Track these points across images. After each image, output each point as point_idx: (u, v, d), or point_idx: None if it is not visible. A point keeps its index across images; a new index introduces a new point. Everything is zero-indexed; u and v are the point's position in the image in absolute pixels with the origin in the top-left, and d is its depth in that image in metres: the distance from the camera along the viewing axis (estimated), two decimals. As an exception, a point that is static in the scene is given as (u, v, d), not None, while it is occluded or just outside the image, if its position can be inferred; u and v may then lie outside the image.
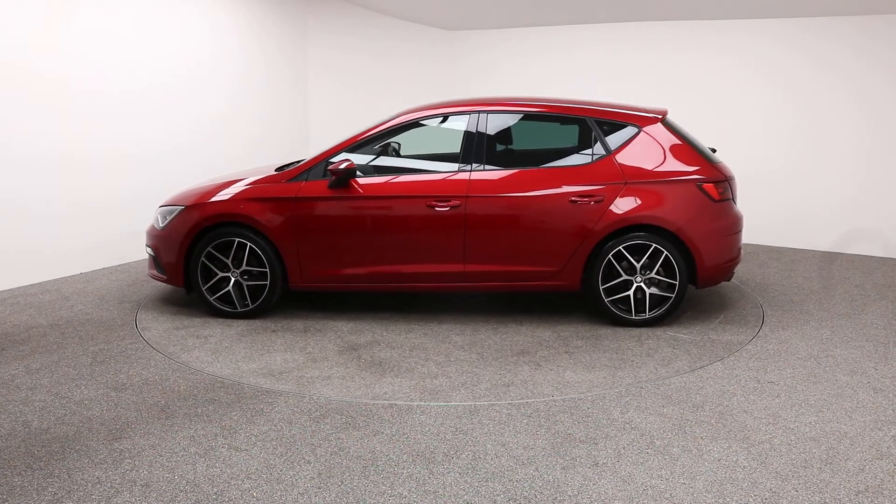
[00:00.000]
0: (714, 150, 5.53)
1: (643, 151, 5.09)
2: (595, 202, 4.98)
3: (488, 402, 3.90)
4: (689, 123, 6.27)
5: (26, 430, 3.57)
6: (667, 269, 5.02)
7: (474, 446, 3.41)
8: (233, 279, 5.28)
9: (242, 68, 7.94)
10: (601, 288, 5.06)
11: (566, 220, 5.01)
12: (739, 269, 6.77)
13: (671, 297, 5.03)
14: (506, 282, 5.18)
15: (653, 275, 5.03)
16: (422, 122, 5.33)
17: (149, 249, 5.58)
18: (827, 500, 2.95)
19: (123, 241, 6.91)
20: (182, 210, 5.32)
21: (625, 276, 5.03)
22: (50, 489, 3.04)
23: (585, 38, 8.67)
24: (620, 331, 5.03)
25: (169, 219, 5.39)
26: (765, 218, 7.83)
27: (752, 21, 7.73)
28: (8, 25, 5.77)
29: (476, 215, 5.05)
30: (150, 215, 7.05)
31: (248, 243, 5.18)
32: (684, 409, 3.82)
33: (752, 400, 3.93)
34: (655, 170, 5.04)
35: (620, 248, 4.99)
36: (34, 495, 2.99)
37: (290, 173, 5.28)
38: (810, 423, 3.65)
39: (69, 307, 5.55)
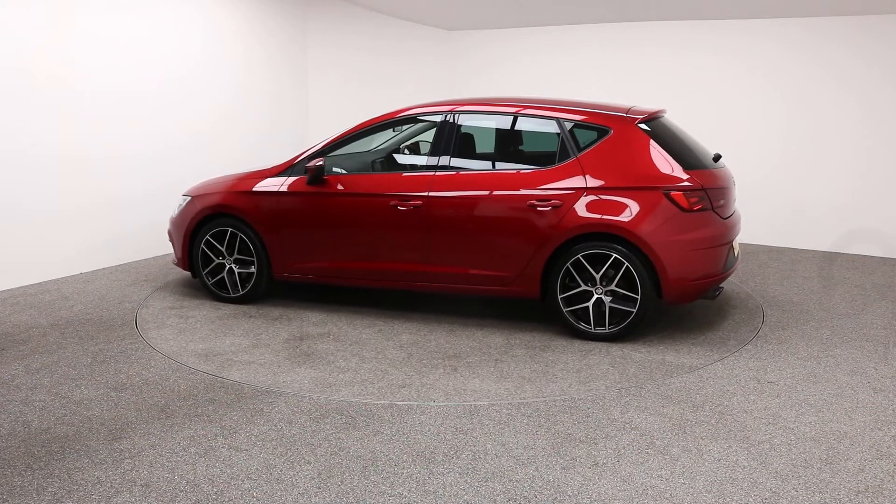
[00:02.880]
0: (718, 157, 5.17)
1: (611, 155, 4.79)
2: (553, 207, 4.74)
3: (489, 401, 3.90)
4: (688, 124, 6.27)
5: (26, 430, 3.57)
6: (630, 281, 4.69)
7: (474, 446, 3.41)
8: (227, 266, 5.62)
9: (244, 69, 7.94)
10: (560, 297, 4.82)
11: (524, 224, 4.81)
12: (740, 269, 6.76)
13: (633, 312, 4.69)
14: (466, 285, 5.08)
15: (613, 287, 4.70)
16: (399, 122, 5.46)
17: (168, 235, 6.06)
18: (827, 500, 2.95)
19: (123, 241, 6.91)
20: (189, 200, 5.77)
21: (584, 287, 4.76)
22: (50, 489, 3.04)
23: (585, 38, 8.67)
24: (577, 343, 4.78)
25: (181, 207, 5.84)
26: (765, 218, 7.83)
27: (752, 21, 7.73)
28: (9, 27, 5.77)
29: (437, 216, 5.01)
30: (150, 215, 7.11)
31: (240, 234, 5.52)
32: (684, 409, 3.82)
33: (752, 400, 3.93)
34: (621, 175, 4.72)
35: (579, 256, 4.72)
36: (34, 495, 3.00)
37: (276, 169, 5.56)
38: (810, 423, 3.65)
39: (69, 307, 5.56)
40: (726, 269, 4.91)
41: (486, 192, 4.93)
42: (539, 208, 4.77)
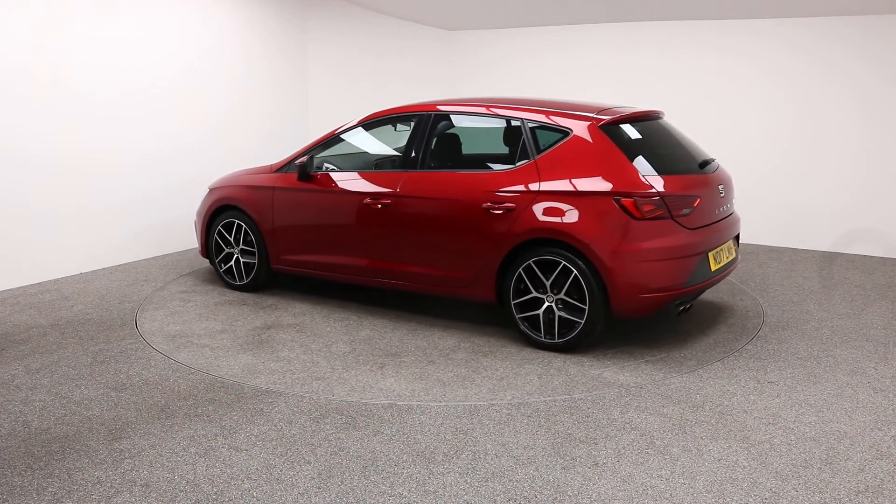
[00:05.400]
0: (706, 162, 4.93)
1: (567, 158, 4.60)
2: (507, 210, 4.65)
3: (488, 401, 3.90)
4: (688, 123, 6.26)
5: (26, 430, 3.57)
6: (581, 290, 4.48)
7: (474, 446, 3.41)
8: (234, 256, 6.00)
9: (244, 68, 7.93)
10: (513, 303, 4.70)
11: (479, 227, 4.74)
12: (740, 269, 6.76)
13: (580, 322, 4.49)
14: (428, 285, 5.09)
15: (562, 295, 4.53)
16: (379, 123, 5.55)
17: (194, 226, 6.51)
18: (827, 500, 2.96)
19: (123, 240, 6.91)
20: (208, 192, 6.24)
21: (534, 294, 4.62)
22: (50, 489, 3.04)
23: (584, 38, 8.67)
24: (525, 352, 4.64)
25: (202, 199, 6.31)
26: (765, 218, 7.83)
27: (752, 21, 7.73)
28: (9, 27, 5.77)
29: (403, 215, 5.06)
30: (151, 216, 7.13)
31: (244, 226, 5.88)
32: (684, 409, 3.82)
33: (752, 400, 3.93)
34: (573, 179, 4.52)
35: (530, 262, 4.58)
36: (34, 495, 3.00)
37: (275, 166, 5.87)
38: (810, 423, 3.65)
39: (69, 307, 5.56)
40: (692, 283, 4.52)
41: (447, 193, 4.92)
42: (494, 211, 4.70)
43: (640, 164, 4.54)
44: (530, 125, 4.82)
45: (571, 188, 4.51)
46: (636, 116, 4.93)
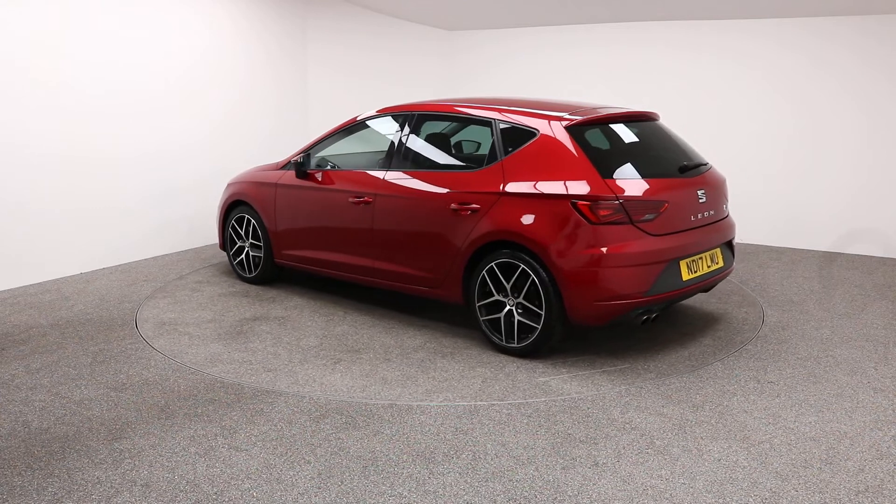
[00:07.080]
0: (688, 166, 4.72)
1: (531, 159, 4.51)
2: (472, 212, 4.62)
3: (488, 402, 3.90)
4: (687, 124, 6.26)
5: (26, 430, 3.57)
6: (539, 294, 4.38)
7: (474, 446, 3.41)
8: (245, 249, 6.25)
9: (245, 69, 7.92)
10: (478, 305, 4.66)
11: (446, 228, 4.75)
12: (740, 269, 6.76)
13: (538, 328, 4.39)
14: (401, 283, 5.13)
15: (521, 299, 4.45)
16: (374, 122, 5.60)
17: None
18: (827, 500, 2.96)
19: (123, 241, 6.91)
20: (226, 188, 6.48)
21: (497, 297, 4.56)
22: (50, 489, 3.04)
23: (585, 38, 8.67)
24: (486, 355, 4.58)
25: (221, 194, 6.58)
26: (765, 218, 7.83)
27: (751, 21, 7.73)
28: (9, 28, 5.76)
29: (380, 214, 5.15)
30: (151, 216, 7.15)
31: (253, 220, 6.12)
32: (684, 409, 3.82)
33: (752, 400, 3.93)
34: (534, 181, 4.42)
35: (493, 264, 4.53)
36: (34, 495, 3.00)
37: (280, 164, 6.06)
38: (810, 423, 3.65)
39: (69, 307, 5.56)
40: (655, 293, 4.30)
41: (420, 194, 4.93)
42: (459, 212, 4.68)
43: (609, 166, 4.38)
44: (501, 126, 4.74)
45: (531, 190, 4.42)
46: (618, 117, 4.79)
